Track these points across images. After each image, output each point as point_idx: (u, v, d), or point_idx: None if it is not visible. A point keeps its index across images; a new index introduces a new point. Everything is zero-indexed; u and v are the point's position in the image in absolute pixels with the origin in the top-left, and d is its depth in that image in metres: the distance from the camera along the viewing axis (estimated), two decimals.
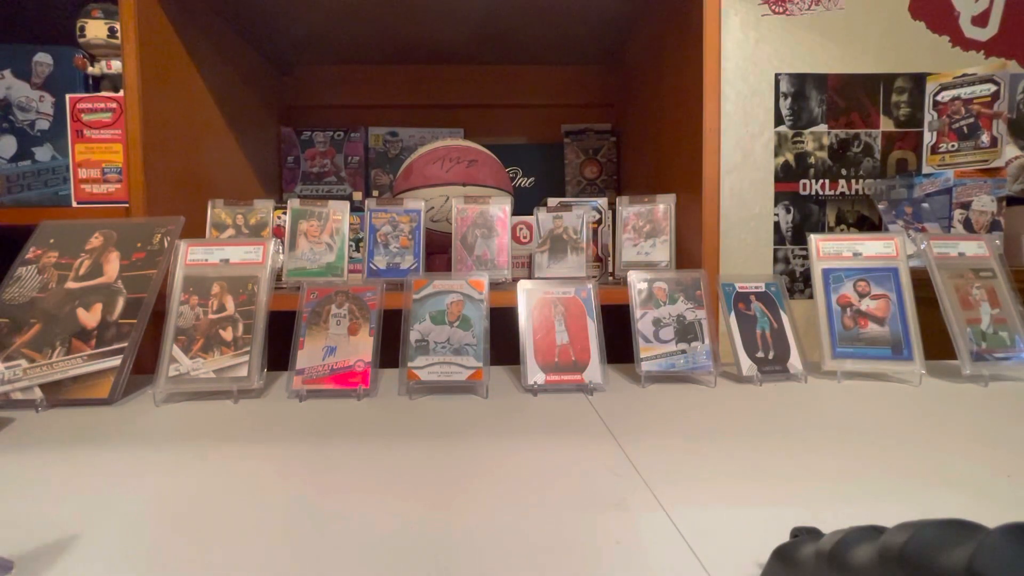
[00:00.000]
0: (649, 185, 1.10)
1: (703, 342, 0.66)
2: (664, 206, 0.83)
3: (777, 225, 1.37)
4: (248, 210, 0.82)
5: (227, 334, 0.62)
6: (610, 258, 0.91)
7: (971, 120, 1.11)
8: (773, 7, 1.35)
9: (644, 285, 0.69)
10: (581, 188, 1.36)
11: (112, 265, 0.67)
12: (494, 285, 0.72)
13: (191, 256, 0.66)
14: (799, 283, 1.38)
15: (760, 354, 0.66)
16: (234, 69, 1.09)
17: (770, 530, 0.32)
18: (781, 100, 1.36)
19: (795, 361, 0.66)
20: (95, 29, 0.89)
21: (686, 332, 0.66)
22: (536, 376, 0.62)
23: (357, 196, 1.32)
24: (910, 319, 0.66)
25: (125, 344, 0.62)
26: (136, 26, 0.79)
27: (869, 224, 1.37)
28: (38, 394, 0.59)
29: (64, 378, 0.60)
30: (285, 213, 0.79)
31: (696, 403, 0.58)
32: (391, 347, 0.67)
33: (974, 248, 0.71)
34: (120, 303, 0.65)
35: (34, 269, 0.66)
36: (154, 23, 0.83)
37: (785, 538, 0.29)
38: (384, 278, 0.75)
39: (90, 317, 0.63)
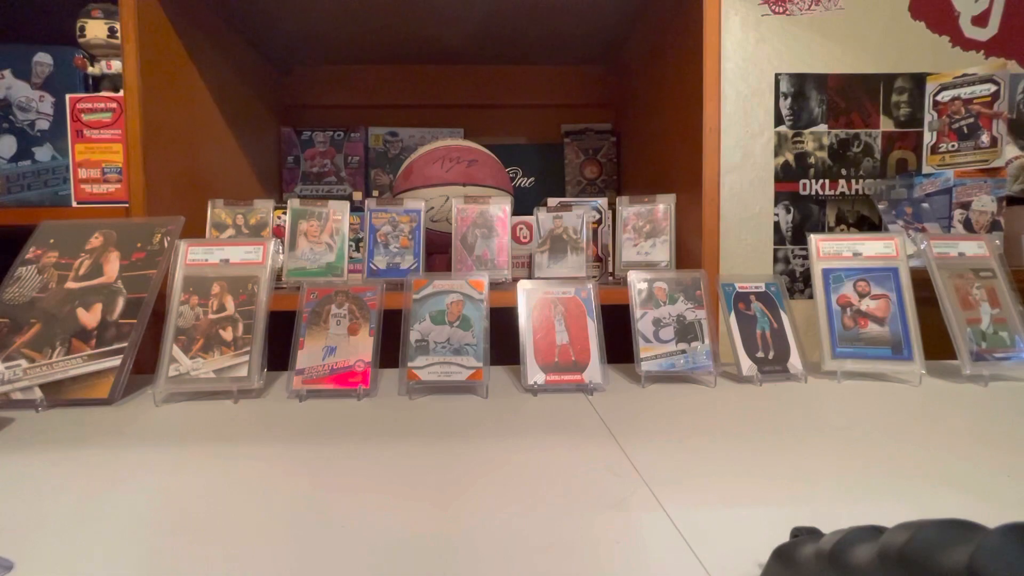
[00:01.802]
0: (649, 185, 1.10)
1: (703, 342, 0.66)
2: (664, 206, 0.83)
3: (777, 225, 1.37)
4: (248, 210, 0.82)
5: (227, 334, 0.62)
6: (610, 258, 0.91)
7: (971, 120, 1.11)
8: (773, 7, 1.35)
9: (644, 285, 0.69)
10: (581, 188, 1.36)
11: (112, 265, 0.67)
12: (494, 285, 0.72)
13: (191, 256, 0.66)
14: (799, 283, 1.38)
15: (760, 354, 0.66)
16: (234, 69, 1.09)
17: (770, 530, 0.32)
18: (781, 100, 1.35)
19: (795, 361, 0.66)
20: (95, 29, 0.89)
21: (686, 332, 0.66)
22: (536, 376, 0.62)
23: (357, 196, 1.32)
24: (910, 319, 0.66)
25: (125, 344, 0.62)
26: (136, 26, 0.79)
27: (869, 224, 1.37)
28: (38, 394, 0.58)
29: (64, 378, 0.60)
30: (285, 213, 0.79)
31: (696, 403, 0.58)
32: (391, 347, 0.67)
33: (974, 248, 0.71)
34: (120, 303, 0.65)
35: (34, 269, 0.66)
36: (154, 23, 0.83)
37: (785, 538, 0.29)
38: (384, 278, 0.75)
39: (90, 317, 0.63)
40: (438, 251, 0.92)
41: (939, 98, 1.15)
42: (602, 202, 0.91)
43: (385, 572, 0.28)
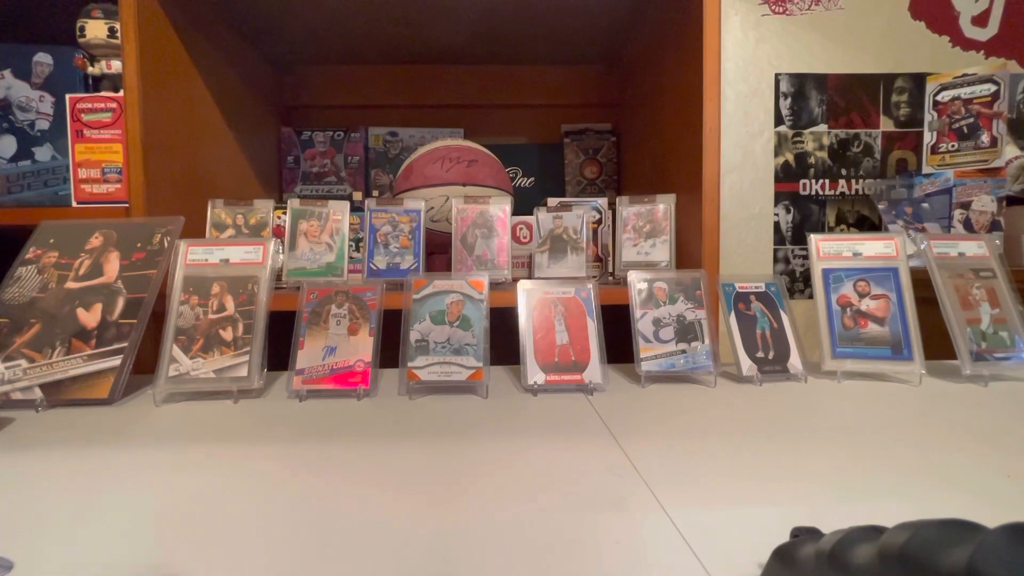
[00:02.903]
0: (649, 185, 1.10)
1: (703, 342, 0.66)
2: (664, 206, 0.83)
3: (777, 225, 1.37)
4: (248, 210, 0.82)
5: (227, 334, 0.62)
6: (610, 258, 0.91)
7: (971, 120, 1.11)
8: (773, 7, 1.35)
9: (644, 285, 0.69)
10: (581, 188, 1.36)
11: (112, 265, 0.67)
12: (494, 285, 0.72)
13: (191, 256, 0.66)
14: (799, 283, 1.38)
15: (760, 354, 0.66)
16: (234, 69, 1.09)
17: (770, 530, 0.32)
18: (781, 100, 1.35)
19: (795, 361, 0.66)
20: (95, 29, 0.89)
21: (686, 332, 0.66)
22: (536, 376, 0.62)
23: (357, 196, 1.32)
24: (910, 319, 0.66)
25: (125, 344, 0.62)
26: (136, 26, 0.79)
27: (869, 224, 1.37)
28: (38, 394, 0.58)
29: (64, 378, 0.60)
30: (285, 213, 0.79)
31: (696, 403, 0.58)
32: (391, 347, 0.67)
33: (974, 248, 0.71)
34: (120, 303, 0.65)
35: (34, 269, 0.66)
36: (154, 23, 0.83)
37: (785, 538, 0.29)
38: (384, 278, 0.75)
39: (90, 317, 0.63)
40: (438, 251, 0.92)
41: (939, 98, 1.15)
42: (602, 202, 0.91)
43: (385, 572, 0.28)
